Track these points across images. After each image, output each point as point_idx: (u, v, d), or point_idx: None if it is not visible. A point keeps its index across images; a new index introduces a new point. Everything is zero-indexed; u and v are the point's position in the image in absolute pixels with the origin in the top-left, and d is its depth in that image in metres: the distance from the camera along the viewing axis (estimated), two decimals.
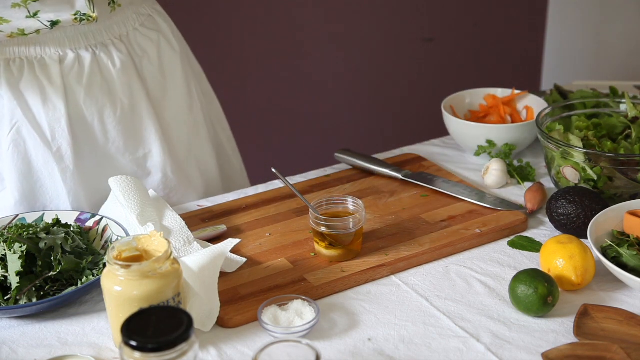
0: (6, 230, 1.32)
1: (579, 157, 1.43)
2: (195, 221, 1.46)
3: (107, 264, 1.11)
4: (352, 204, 1.35)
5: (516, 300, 1.20)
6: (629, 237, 1.30)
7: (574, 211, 1.36)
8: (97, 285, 1.24)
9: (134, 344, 0.95)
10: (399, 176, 1.57)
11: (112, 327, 1.15)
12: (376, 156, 1.67)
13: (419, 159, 1.67)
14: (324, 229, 1.31)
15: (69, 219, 1.40)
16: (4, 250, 1.26)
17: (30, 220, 1.41)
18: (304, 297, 1.21)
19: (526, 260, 1.35)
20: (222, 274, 1.27)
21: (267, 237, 1.41)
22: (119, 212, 1.41)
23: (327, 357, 1.14)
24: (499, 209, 1.46)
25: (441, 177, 1.57)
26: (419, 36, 3.08)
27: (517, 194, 1.54)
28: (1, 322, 1.24)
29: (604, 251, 1.29)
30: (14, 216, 1.41)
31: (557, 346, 1.13)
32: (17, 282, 1.23)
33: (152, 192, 1.48)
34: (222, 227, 1.43)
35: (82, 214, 1.41)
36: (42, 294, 1.24)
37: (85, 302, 1.28)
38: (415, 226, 1.42)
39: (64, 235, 1.30)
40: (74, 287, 1.25)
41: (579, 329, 1.16)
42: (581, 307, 1.20)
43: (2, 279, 1.25)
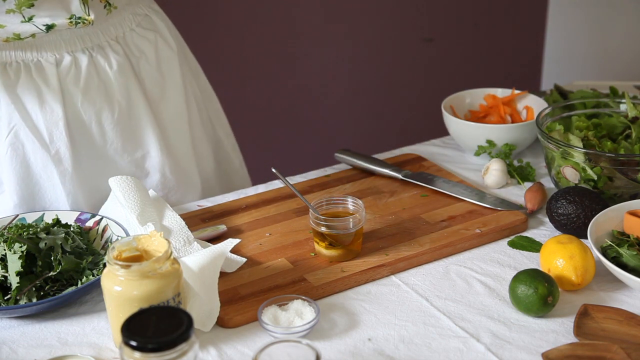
0: (6, 230, 1.32)
1: (579, 157, 1.43)
2: (195, 221, 1.46)
3: (107, 264, 1.11)
4: (352, 204, 1.35)
5: (516, 300, 1.20)
6: (629, 237, 1.30)
7: (574, 211, 1.36)
8: (97, 285, 1.24)
9: (134, 344, 0.95)
10: (399, 176, 1.57)
11: (112, 327, 1.15)
12: (376, 156, 1.67)
13: (419, 159, 1.67)
14: (324, 229, 1.31)
15: (69, 219, 1.40)
16: (4, 250, 1.26)
17: (30, 220, 1.41)
18: (304, 297, 1.21)
19: (526, 260, 1.34)
20: (222, 274, 1.27)
21: (267, 237, 1.41)
22: (119, 212, 1.41)
23: (327, 357, 1.14)
24: (499, 209, 1.46)
25: (441, 177, 1.57)
26: (419, 36, 3.08)
27: (517, 194, 1.54)
28: (1, 322, 1.24)
29: (604, 251, 1.29)
30: (14, 216, 1.41)
31: (557, 346, 1.13)
32: (17, 282, 1.23)
33: (152, 192, 1.48)
34: (222, 227, 1.43)
35: (82, 214, 1.41)
36: (42, 294, 1.24)
37: (85, 302, 1.28)
38: (415, 226, 1.42)
39: (64, 235, 1.30)
40: (74, 287, 1.25)
41: (579, 329, 1.16)
42: (581, 307, 1.20)
43: (2, 279, 1.25)
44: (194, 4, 2.70)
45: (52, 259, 1.26)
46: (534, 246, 1.37)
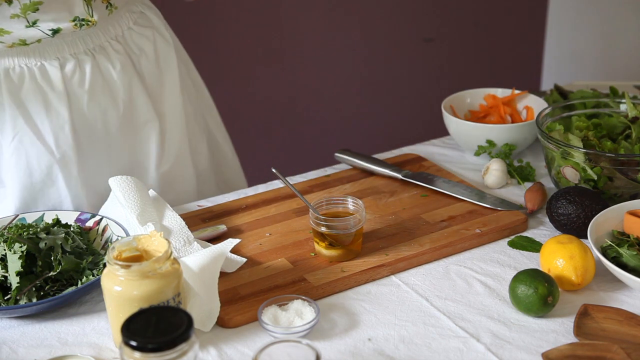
0: (6, 230, 1.32)
1: (579, 157, 1.43)
2: (195, 221, 1.46)
3: (107, 264, 1.11)
4: (352, 204, 1.35)
5: (516, 300, 1.20)
6: (629, 237, 1.30)
7: (574, 211, 1.36)
8: (97, 285, 1.24)
9: (134, 344, 0.95)
10: (399, 176, 1.57)
11: (112, 327, 1.15)
12: (376, 156, 1.67)
13: (419, 159, 1.67)
14: (324, 229, 1.31)
15: (69, 219, 1.40)
16: (4, 250, 1.26)
17: (30, 220, 1.41)
18: (304, 297, 1.21)
19: (526, 260, 1.34)
20: (222, 274, 1.27)
21: (267, 237, 1.41)
22: (119, 212, 1.41)
23: (327, 357, 1.14)
24: (499, 209, 1.46)
25: (441, 177, 1.57)
26: (419, 36, 3.08)
27: (517, 194, 1.54)
28: (1, 322, 1.24)
29: (604, 251, 1.29)
30: (14, 216, 1.41)
31: (557, 346, 1.13)
32: (17, 282, 1.23)
33: (152, 192, 1.48)
34: (222, 227, 1.43)
35: (82, 214, 1.41)
36: (42, 294, 1.24)
37: (85, 302, 1.28)
38: (415, 226, 1.42)
39: (64, 235, 1.30)
40: (74, 287, 1.25)
41: (579, 329, 1.16)
42: (581, 307, 1.20)
43: (2, 279, 1.25)
44: (194, 3, 2.70)
45: (52, 259, 1.26)
46: (534, 246, 1.37)
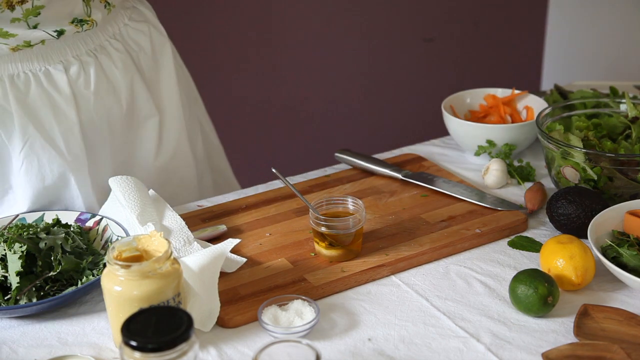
0: (6, 230, 1.32)
1: (579, 157, 1.43)
2: (195, 221, 1.46)
3: (107, 264, 1.11)
4: (352, 204, 1.35)
5: (516, 300, 1.20)
6: (629, 237, 1.30)
7: (574, 211, 1.36)
8: (97, 285, 1.24)
9: (134, 344, 0.95)
10: (399, 176, 1.57)
11: (112, 327, 1.15)
12: (376, 156, 1.67)
13: (419, 159, 1.67)
14: (324, 229, 1.31)
15: (69, 219, 1.40)
16: (4, 250, 1.26)
17: (30, 220, 1.41)
18: (304, 297, 1.21)
19: (526, 260, 1.34)
20: (222, 274, 1.27)
21: (267, 237, 1.41)
22: (119, 212, 1.41)
23: (327, 357, 1.14)
24: (499, 209, 1.46)
25: (441, 177, 1.57)
26: (419, 36, 3.08)
27: (517, 194, 1.54)
28: (1, 322, 1.24)
29: (604, 251, 1.29)
30: (14, 216, 1.41)
31: (557, 346, 1.13)
32: (17, 282, 1.23)
33: (152, 192, 1.48)
34: (222, 227, 1.43)
35: (82, 214, 1.41)
36: (42, 294, 1.24)
37: (85, 302, 1.28)
38: (415, 226, 1.42)
39: (64, 235, 1.30)
40: (74, 287, 1.25)
41: (579, 329, 1.16)
42: (581, 307, 1.20)
43: (2, 279, 1.25)
44: (194, 2, 2.70)
45: (52, 259, 1.26)
46: (534, 246, 1.37)
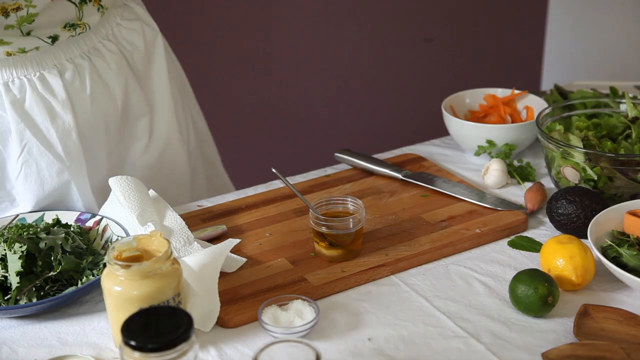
0: (6, 230, 1.33)
1: (579, 157, 1.43)
2: (195, 221, 1.46)
3: (107, 264, 1.11)
4: (352, 204, 1.35)
5: (516, 300, 1.20)
6: (629, 237, 1.30)
7: (574, 211, 1.36)
8: (97, 285, 1.24)
9: (134, 344, 0.95)
10: (399, 176, 1.57)
11: (112, 327, 1.15)
12: (376, 156, 1.67)
13: (419, 159, 1.67)
14: (324, 229, 1.31)
15: (69, 219, 1.40)
16: (4, 250, 1.26)
17: (30, 220, 1.41)
18: (304, 297, 1.21)
19: (526, 260, 1.34)
20: (222, 274, 1.27)
21: (267, 237, 1.41)
22: (119, 212, 1.41)
23: (327, 357, 1.14)
24: (499, 209, 1.46)
25: (441, 177, 1.57)
26: (419, 36, 3.08)
27: (517, 194, 1.54)
28: (1, 322, 1.24)
29: (604, 251, 1.29)
30: (14, 216, 1.41)
31: (557, 346, 1.13)
32: (17, 282, 1.23)
33: (152, 192, 1.48)
34: (222, 227, 1.43)
35: (82, 214, 1.41)
36: (42, 294, 1.24)
37: (85, 302, 1.28)
38: (415, 226, 1.42)
39: (64, 235, 1.30)
40: (74, 287, 1.25)
41: (579, 329, 1.16)
42: (581, 307, 1.20)
43: (2, 279, 1.25)
44: (196, 4, 2.70)
45: (52, 259, 1.26)
46: (534, 246, 1.37)
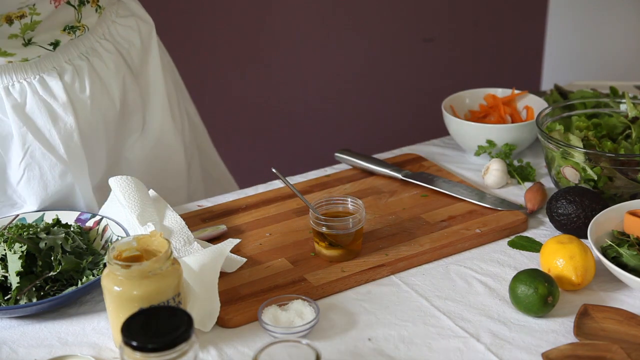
0: (6, 230, 1.33)
1: (579, 157, 1.43)
2: (195, 221, 1.46)
3: (107, 264, 1.11)
4: (352, 204, 1.35)
5: (516, 300, 1.20)
6: (629, 237, 1.30)
7: (574, 211, 1.36)
8: (97, 285, 1.24)
9: (134, 344, 0.95)
10: (399, 176, 1.57)
11: (112, 327, 1.16)
12: (376, 156, 1.67)
13: (419, 159, 1.67)
14: (324, 229, 1.31)
15: (69, 219, 1.40)
16: (4, 250, 1.26)
17: (30, 220, 1.41)
18: (304, 297, 1.21)
19: (526, 260, 1.35)
20: (222, 274, 1.27)
21: (267, 237, 1.41)
22: (119, 212, 1.41)
23: (327, 357, 1.14)
24: (499, 209, 1.46)
25: (441, 177, 1.57)
26: (419, 36, 3.08)
27: (517, 194, 1.54)
28: (1, 322, 1.24)
29: (604, 251, 1.29)
30: (14, 216, 1.41)
31: (557, 346, 1.13)
32: (17, 282, 1.23)
33: (152, 192, 1.48)
34: (222, 227, 1.43)
35: (82, 214, 1.41)
36: (42, 294, 1.24)
37: (85, 302, 1.28)
38: (415, 226, 1.42)
39: (64, 235, 1.30)
40: (74, 287, 1.25)
41: (579, 329, 1.16)
42: (581, 307, 1.20)
43: (2, 279, 1.25)
44: (195, 4, 2.70)
45: (52, 259, 1.26)
46: (534, 246, 1.37)
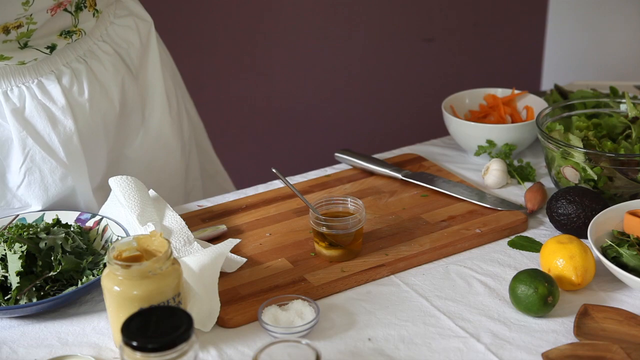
0: (6, 230, 1.33)
1: (579, 157, 1.43)
2: (195, 221, 1.46)
3: (107, 264, 1.11)
4: (352, 204, 1.35)
5: (516, 300, 1.20)
6: (629, 237, 1.30)
7: (574, 211, 1.36)
8: (97, 285, 1.24)
9: (134, 344, 0.95)
10: (399, 176, 1.57)
11: (112, 327, 1.16)
12: (376, 156, 1.67)
13: (419, 159, 1.67)
14: (324, 229, 1.31)
15: (69, 219, 1.40)
16: (4, 250, 1.26)
17: (30, 220, 1.41)
18: (304, 297, 1.21)
19: (526, 260, 1.35)
20: (222, 274, 1.27)
21: (267, 237, 1.41)
22: (119, 212, 1.41)
23: (327, 357, 1.14)
24: (499, 209, 1.46)
25: (441, 177, 1.57)
26: (419, 36, 3.08)
27: (517, 194, 1.54)
28: (1, 322, 1.24)
29: (604, 251, 1.29)
30: (14, 216, 1.41)
31: (557, 346, 1.13)
32: (17, 282, 1.23)
33: (152, 192, 1.48)
34: (222, 227, 1.43)
35: (82, 214, 1.41)
36: (42, 294, 1.24)
37: (85, 302, 1.28)
38: (415, 226, 1.42)
39: (64, 235, 1.30)
40: (74, 287, 1.25)
41: (579, 329, 1.16)
42: (581, 307, 1.20)
43: (2, 279, 1.25)
44: (196, 3, 2.70)
45: (52, 259, 1.26)
46: (534, 246, 1.37)
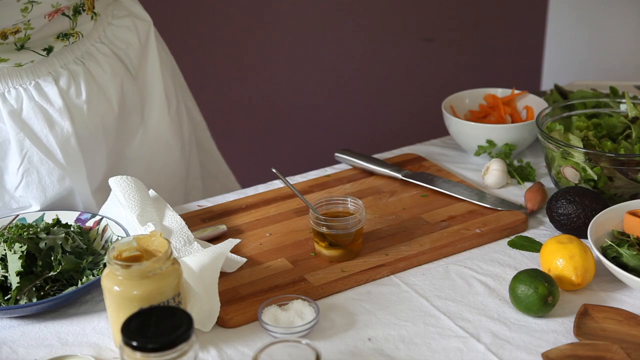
0: (6, 230, 1.33)
1: (579, 157, 1.43)
2: (195, 221, 1.46)
3: (107, 264, 1.11)
4: (352, 204, 1.35)
5: (516, 300, 1.20)
6: (629, 237, 1.30)
7: (574, 211, 1.36)
8: (97, 285, 1.24)
9: (134, 344, 0.95)
10: (399, 176, 1.57)
11: (112, 327, 1.16)
12: (376, 156, 1.67)
13: (419, 159, 1.67)
14: (324, 229, 1.31)
15: (69, 219, 1.40)
16: (4, 250, 1.26)
17: (30, 220, 1.41)
18: (304, 297, 1.21)
19: (526, 260, 1.35)
20: (222, 274, 1.27)
21: (267, 237, 1.41)
22: (119, 212, 1.41)
23: (327, 357, 1.14)
24: (499, 209, 1.46)
25: (441, 177, 1.57)
26: (419, 36, 3.08)
27: (517, 194, 1.54)
28: (1, 322, 1.24)
29: (604, 251, 1.29)
30: (14, 216, 1.41)
31: (557, 346, 1.13)
32: (17, 282, 1.23)
33: (152, 192, 1.48)
34: (222, 227, 1.43)
35: (82, 214, 1.41)
36: (42, 294, 1.24)
37: (85, 302, 1.28)
38: (415, 226, 1.42)
39: (64, 235, 1.30)
40: (74, 287, 1.25)
41: (579, 329, 1.16)
42: (581, 307, 1.20)
43: (2, 279, 1.25)
44: (196, 3, 2.70)
45: (52, 259, 1.26)
46: (534, 246, 1.37)
